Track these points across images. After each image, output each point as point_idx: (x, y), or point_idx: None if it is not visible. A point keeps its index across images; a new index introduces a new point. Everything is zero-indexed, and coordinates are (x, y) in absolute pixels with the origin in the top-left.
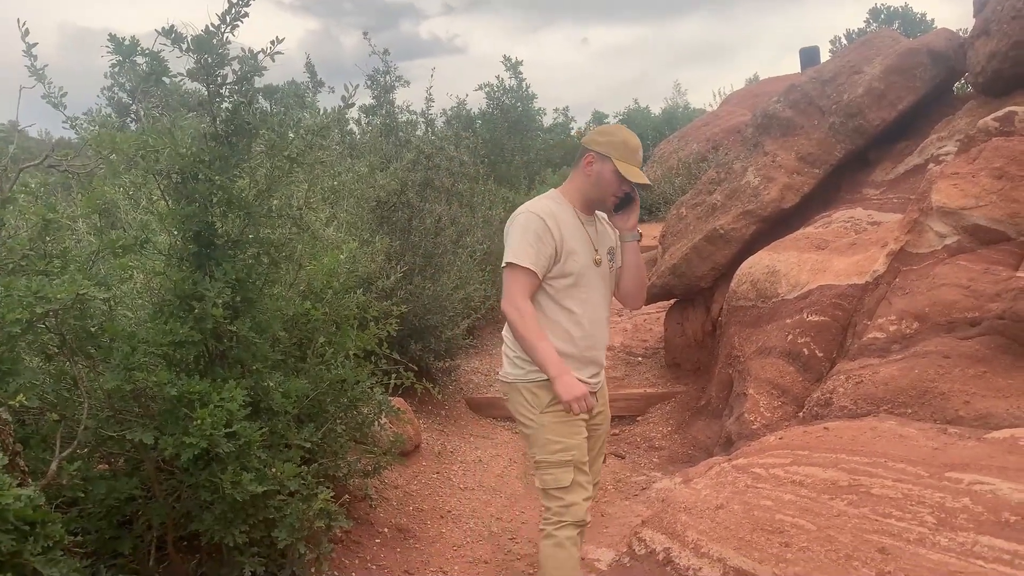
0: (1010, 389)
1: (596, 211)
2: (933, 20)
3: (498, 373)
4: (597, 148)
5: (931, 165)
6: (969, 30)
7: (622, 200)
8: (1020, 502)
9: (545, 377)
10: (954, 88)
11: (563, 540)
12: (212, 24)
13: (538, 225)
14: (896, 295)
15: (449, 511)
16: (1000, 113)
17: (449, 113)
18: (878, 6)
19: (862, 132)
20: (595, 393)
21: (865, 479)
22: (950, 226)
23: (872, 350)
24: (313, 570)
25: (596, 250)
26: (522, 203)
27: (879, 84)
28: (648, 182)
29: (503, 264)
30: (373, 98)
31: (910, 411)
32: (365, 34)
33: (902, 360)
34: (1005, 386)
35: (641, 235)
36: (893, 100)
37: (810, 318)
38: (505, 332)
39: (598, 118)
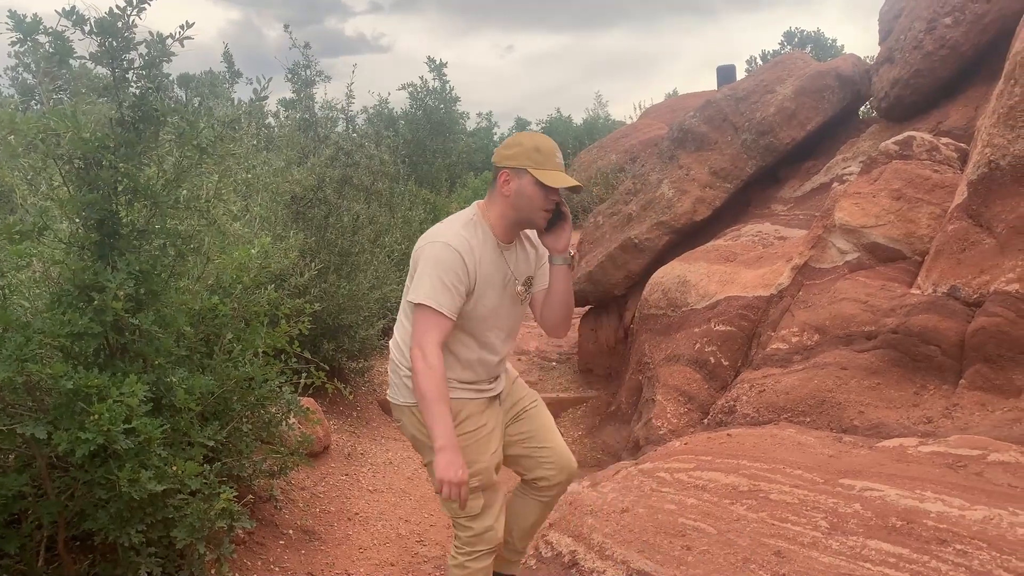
0: (900, 400)
1: (523, 231)
2: (843, 46)
3: (387, 393)
4: (509, 163)
5: (835, 184)
6: (875, 57)
7: (553, 216)
8: (907, 508)
9: None
10: (859, 111)
11: (475, 572)
12: (118, 6)
13: (454, 263)
14: (799, 308)
15: (357, 513)
16: (900, 137)
17: (371, 111)
18: (792, 29)
19: (773, 150)
20: (498, 396)
21: (764, 484)
22: (851, 243)
23: (775, 360)
24: (213, 571)
25: (516, 281)
26: (444, 206)
27: (790, 104)
28: (577, 183)
29: (412, 299)
30: (293, 92)
31: (808, 420)
32: (286, 27)
33: (803, 371)
34: (896, 397)
35: (573, 256)
36: (803, 120)
37: (717, 328)
38: (394, 352)
39: (521, 124)
